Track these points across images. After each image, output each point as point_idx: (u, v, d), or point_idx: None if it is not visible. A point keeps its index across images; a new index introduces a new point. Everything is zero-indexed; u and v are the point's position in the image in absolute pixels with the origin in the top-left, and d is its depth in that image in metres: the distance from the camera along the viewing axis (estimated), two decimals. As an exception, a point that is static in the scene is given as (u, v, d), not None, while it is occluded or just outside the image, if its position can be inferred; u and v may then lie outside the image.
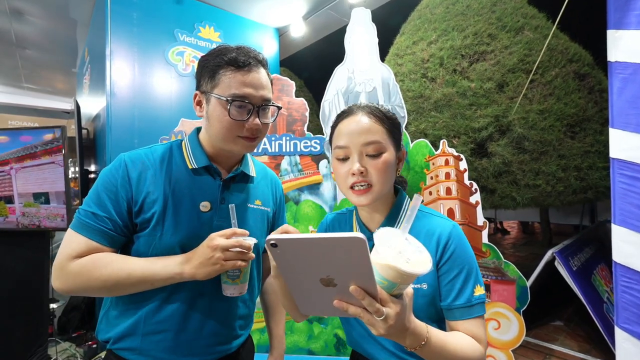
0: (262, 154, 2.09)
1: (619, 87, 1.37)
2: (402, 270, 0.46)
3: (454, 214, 1.96)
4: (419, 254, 0.50)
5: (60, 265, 0.68)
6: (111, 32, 2.33)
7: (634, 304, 1.34)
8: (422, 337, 0.54)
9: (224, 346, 0.80)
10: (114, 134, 2.29)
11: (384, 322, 0.47)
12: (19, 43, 3.72)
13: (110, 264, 0.68)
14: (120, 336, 0.74)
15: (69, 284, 0.68)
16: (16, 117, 5.15)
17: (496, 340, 1.87)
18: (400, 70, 3.09)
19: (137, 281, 0.68)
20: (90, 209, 0.71)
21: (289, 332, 1.98)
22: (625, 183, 1.36)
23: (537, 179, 2.57)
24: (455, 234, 0.68)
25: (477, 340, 0.63)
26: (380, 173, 0.67)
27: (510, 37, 2.75)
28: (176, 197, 0.75)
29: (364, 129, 0.68)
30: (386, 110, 0.73)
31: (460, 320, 0.65)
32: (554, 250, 2.48)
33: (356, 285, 0.46)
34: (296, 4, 3.06)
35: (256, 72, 0.75)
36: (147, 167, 0.75)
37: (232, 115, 0.72)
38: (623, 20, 1.35)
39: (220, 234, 0.67)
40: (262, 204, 0.88)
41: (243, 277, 0.72)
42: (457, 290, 0.65)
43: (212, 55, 0.76)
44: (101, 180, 0.74)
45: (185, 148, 0.81)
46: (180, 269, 0.68)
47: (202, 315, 0.76)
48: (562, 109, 2.56)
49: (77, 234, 0.70)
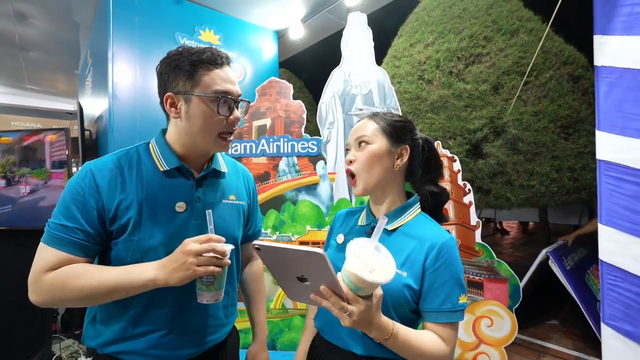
0: (260, 155, 2.14)
1: (605, 91, 1.41)
2: (363, 279, 0.55)
3: (448, 214, 2.00)
4: (384, 264, 0.58)
5: (34, 279, 0.68)
6: (113, 35, 2.38)
7: (619, 301, 1.38)
8: (387, 332, 0.62)
9: (214, 336, 0.83)
10: (116, 135, 2.34)
11: (349, 317, 0.57)
12: (22, 45, 3.78)
13: (83, 275, 0.68)
14: (111, 341, 0.75)
15: (45, 297, 0.68)
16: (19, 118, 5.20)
17: (489, 337, 1.91)
18: (398, 72, 3.14)
19: (111, 290, 0.68)
20: (60, 221, 0.70)
21: (287, 330, 2.03)
22: (611, 184, 1.40)
23: (531, 180, 2.61)
24: (449, 246, 0.73)
25: (447, 343, 0.69)
26: (363, 162, 0.78)
27: (505, 39, 2.79)
28: (150, 200, 0.75)
29: (358, 128, 0.82)
30: (390, 114, 0.83)
31: (439, 324, 0.70)
32: (548, 250, 2.52)
33: (325, 286, 0.56)
34: (295, 7, 3.10)
35: (229, 68, 0.79)
36: (115, 174, 0.75)
37: (220, 111, 0.74)
38: (609, 26, 1.39)
39: (194, 240, 0.67)
40: (236, 198, 0.90)
41: (218, 283, 0.71)
42: (444, 296, 0.70)
43: (182, 56, 0.75)
44: (68, 192, 0.72)
45: (153, 151, 0.81)
46: (154, 275, 0.67)
47: (190, 311, 0.78)
48: (556, 110, 2.60)
49: (49, 247, 0.69)
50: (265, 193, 2.13)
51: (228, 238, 0.82)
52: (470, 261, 1.96)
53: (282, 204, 2.12)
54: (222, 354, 0.87)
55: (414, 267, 0.72)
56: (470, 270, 1.97)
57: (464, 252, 1.97)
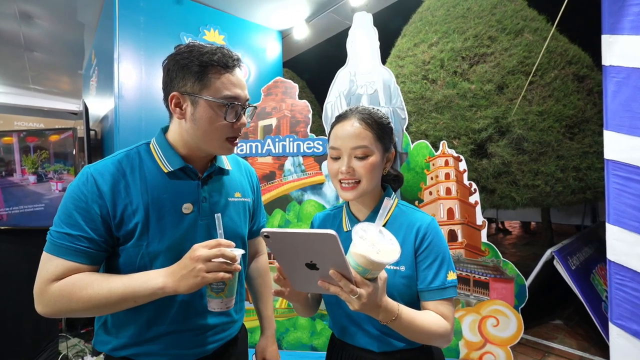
0: (265, 155, 2.14)
1: (613, 91, 1.41)
2: (372, 260, 0.56)
3: (454, 213, 2.00)
4: (389, 246, 0.59)
5: (40, 290, 0.66)
6: (119, 36, 2.39)
7: (627, 300, 1.38)
8: (393, 313, 0.64)
9: (226, 333, 0.85)
10: (122, 135, 2.34)
11: (358, 299, 0.58)
12: (27, 45, 3.79)
13: (90, 285, 0.66)
14: (125, 345, 0.74)
15: (52, 308, 0.66)
16: (22, 118, 5.21)
17: (495, 337, 1.91)
18: (402, 72, 3.14)
19: (120, 300, 0.66)
20: (63, 230, 0.67)
21: (292, 329, 2.03)
22: (619, 183, 1.40)
23: (536, 180, 2.61)
24: (432, 227, 0.77)
25: (445, 318, 0.73)
26: (367, 173, 0.76)
27: (510, 39, 2.79)
28: (156, 203, 0.73)
29: (354, 134, 0.76)
30: (378, 115, 0.80)
31: (432, 301, 0.74)
32: (553, 250, 2.52)
33: (334, 270, 0.56)
34: (299, 7, 3.11)
35: (239, 72, 0.76)
36: (117, 178, 0.72)
37: (227, 117, 0.72)
38: (617, 26, 1.39)
39: (203, 245, 0.65)
40: (241, 196, 0.89)
41: (228, 290, 0.69)
42: (432, 275, 0.75)
43: (192, 55, 0.72)
44: (70, 198, 0.69)
45: (155, 152, 0.78)
46: (163, 283, 0.66)
47: (202, 312, 0.78)
48: (561, 110, 2.59)
49: (53, 257, 0.67)
50: (270, 193, 2.13)
51: (236, 236, 0.83)
52: (476, 261, 1.97)
53: (288, 204, 2.13)
54: (234, 350, 0.88)
55: (407, 257, 0.76)
56: (476, 270, 1.97)
57: (470, 251, 1.97)
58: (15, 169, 1.98)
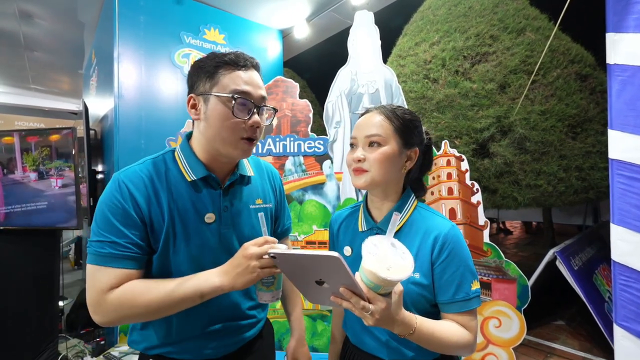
0: (266, 155, 2.13)
1: (617, 89, 1.40)
2: (381, 277, 0.55)
3: (456, 213, 1.99)
4: (401, 261, 0.57)
5: (97, 302, 0.67)
6: (119, 35, 2.38)
7: (632, 301, 1.37)
8: (410, 326, 0.62)
9: (251, 330, 0.86)
10: (122, 135, 2.33)
11: (371, 316, 0.57)
12: (27, 45, 3.78)
13: (148, 290, 0.68)
14: (157, 345, 0.77)
15: (111, 316, 0.68)
16: (22, 118, 5.21)
17: (497, 338, 1.90)
18: (403, 72, 3.12)
19: (179, 301, 0.67)
20: (106, 239, 0.68)
21: (293, 330, 2.02)
22: (624, 183, 1.39)
23: (538, 179, 2.59)
24: (452, 234, 0.73)
25: (469, 330, 0.70)
26: (377, 162, 0.74)
27: (512, 38, 2.77)
28: (181, 213, 0.74)
29: (370, 123, 0.77)
30: (402, 110, 0.79)
31: (457, 313, 0.71)
32: (555, 250, 2.50)
33: (344, 287, 0.56)
34: (300, 6, 3.09)
35: (254, 72, 0.77)
36: (147, 185, 0.73)
37: (235, 112, 0.71)
38: (622, 24, 1.37)
39: (252, 243, 0.67)
40: (263, 202, 0.89)
41: (277, 283, 0.73)
42: (455, 287, 0.71)
43: (208, 58, 0.75)
44: (106, 207, 0.70)
45: (179, 159, 0.78)
46: (220, 282, 0.68)
47: (228, 311, 0.80)
48: (564, 109, 2.58)
49: (102, 267, 0.68)
50: (271, 193, 2.12)
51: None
52: (478, 261, 1.95)
53: (289, 204, 2.12)
54: (259, 344, 0.91)
55: (423, 265, 0.73)
56: (479, 271, 1.96)
57: (472, 252, 1.95)
58: (16, 165, 1.97)
